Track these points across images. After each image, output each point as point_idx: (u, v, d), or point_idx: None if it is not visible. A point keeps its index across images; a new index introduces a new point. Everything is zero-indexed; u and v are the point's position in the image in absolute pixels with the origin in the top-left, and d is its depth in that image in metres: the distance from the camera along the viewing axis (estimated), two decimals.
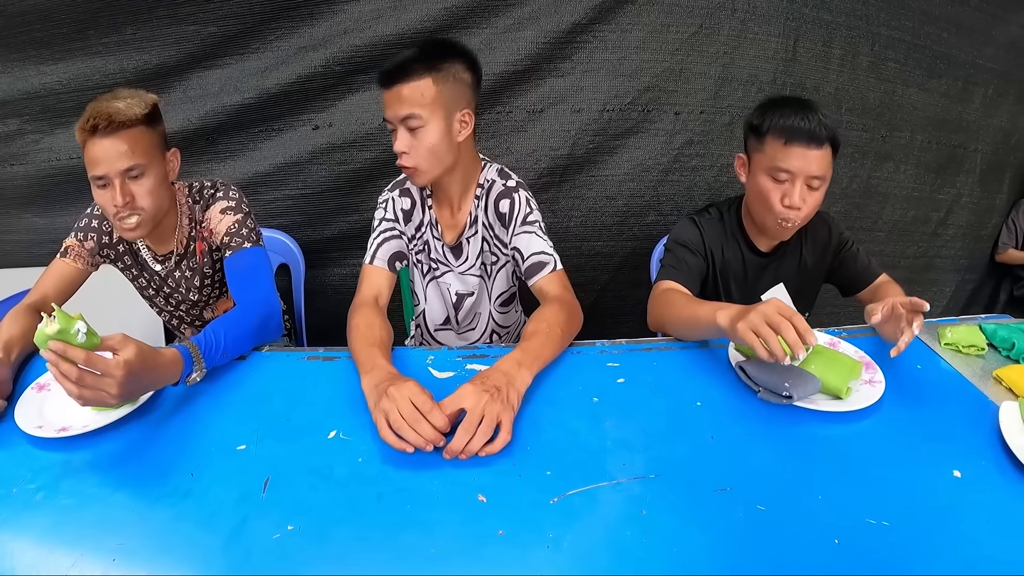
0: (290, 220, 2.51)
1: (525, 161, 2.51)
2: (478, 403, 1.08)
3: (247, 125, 2.38)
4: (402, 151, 1.46)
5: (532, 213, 1.60)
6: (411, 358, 1.39)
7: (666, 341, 1.52)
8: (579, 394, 1.29)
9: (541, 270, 1.56)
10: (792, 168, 1.51)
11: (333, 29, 2.27)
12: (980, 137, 3.27)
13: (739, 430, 1.20)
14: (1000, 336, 1.57)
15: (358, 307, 1.47)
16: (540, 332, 1.35)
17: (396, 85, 1.43)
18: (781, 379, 1.26)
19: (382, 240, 1.65)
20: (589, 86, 2.46)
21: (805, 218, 1.56)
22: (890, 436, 1.22)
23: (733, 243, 1.76)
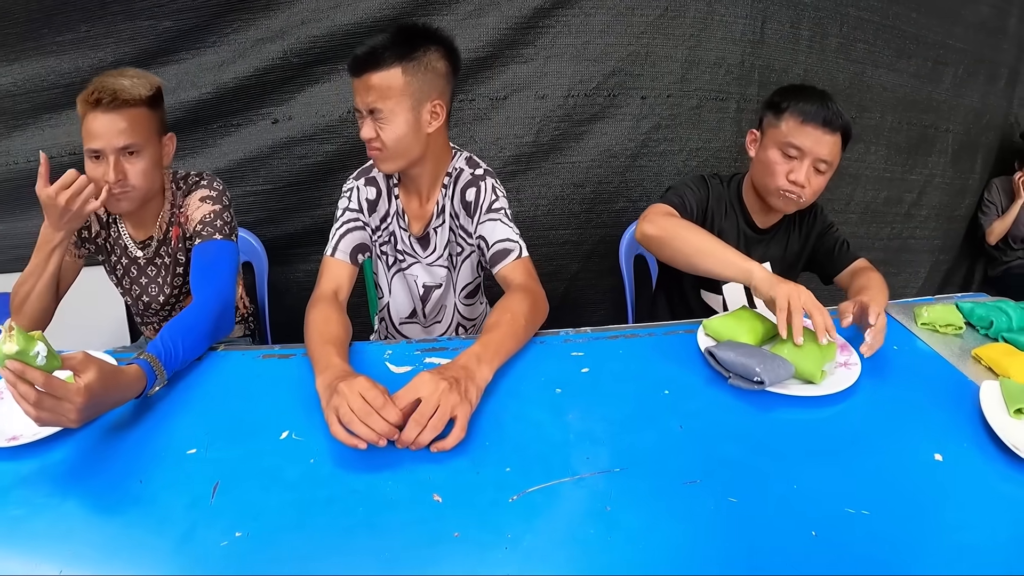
0: (253, 217, 2.43)
1: (489, 150, 2.46)
2: (434, 392, 1.04)
3: (205, 121, 2.32)
4: (369, 138, 1.43)
5: (498, 200, 1.56)
6: (369, 353, 1.35)
7: (633, 328, 1.49)
8: (542, 386, 1.24)
9: (506, 257, 1.50)
10: (804, 146, 1.55)
11: (290, 20, 2.21)
12: (951, 117, 3.27)
13: (709, 418, 1.16)
14: (978, 314, 1.53)
15: (316, 302, 1.42)
16: (502, 324, 1.29)
17: (365, 73, 1.39)
18: (752, 364, 1.21)
19: (344, 231, 1.59)
20: (553, 72, 2.41)
21: (809, 199, 1.60)
22: (867, 420, 1.18)
23: (732, 214, 1.77)
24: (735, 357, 1.23)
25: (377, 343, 1.41)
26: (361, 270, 1.67)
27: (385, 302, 1.87)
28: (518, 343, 1.34)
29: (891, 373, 1.32)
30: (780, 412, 1.18)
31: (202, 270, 1.54)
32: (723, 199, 1.78)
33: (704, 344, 1.36)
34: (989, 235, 3.64)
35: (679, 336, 1.44)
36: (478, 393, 1.14)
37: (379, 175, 1.65)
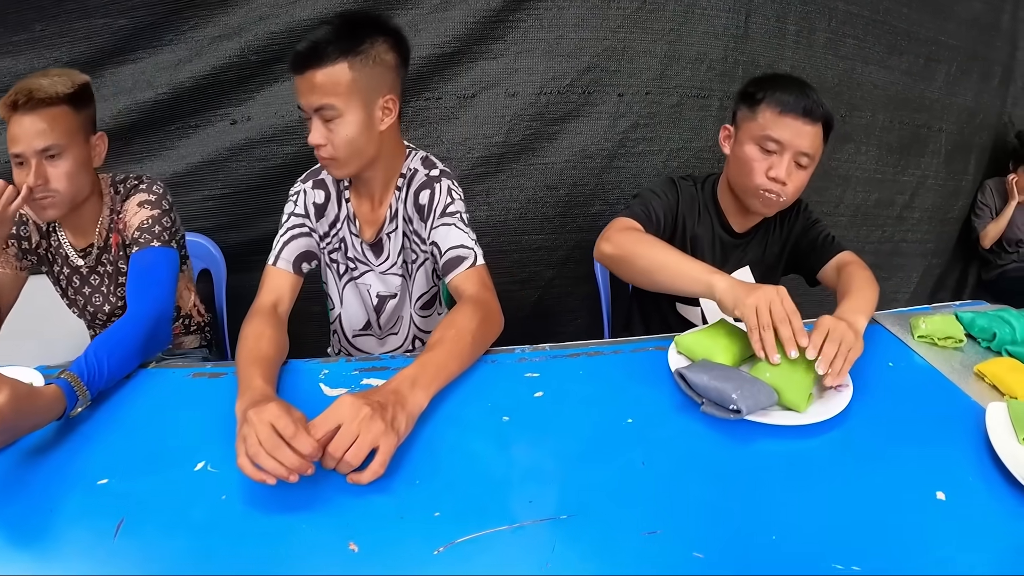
0: (212, 222, 2.33)
1: (457, 150, 2.35)
2: (354, 418, 0.93)
3: (162, 123, 2.23)
4: (318, 143, 1.33)
5: (453, 203, 1.46)
6: (303, 373, 1.24)
7: (597, 345, 1.34)
8: (487, 412, 1.11)
9: (458, 266, 1.41)
10: (783, 139, 1.44)
11: (248, 16, 2.12)
12: (944, 116, 3.19)
13: (677, 452, 1.02)
14: (979, 326, 1.41)
15: (251, 316, 1.33)
16: (445, 341, 1.18)
17: (308, 71, 1.29)
18: (728, 389, 1.05)
19: (289, 238, 1.50)
20: (524, 68, 2.31)
21: (790, 197, 1.49)
22: (860, 453, 1.03)
23: (706, 218, 1.66)
24: (708, 381, 1.08)
25: (312, 362, 1.29)
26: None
27: (337, 313, 1.76)
28: (462, 363, 1.22)
29: (886, 394, 1.19)
30: (759, 444, 1.04)
31: (138, 280, 1.47)
32: (696, 202, 1.66)
33: (675, 364, 1.21)
34: (983, 238, 3.56)
35: (649, 354, 1.30)
36: (409, 422, 1.03)
37: (328, 177, 1.56)
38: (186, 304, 1.89)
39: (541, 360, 1.29)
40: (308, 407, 0.98)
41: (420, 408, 1.07)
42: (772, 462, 1.00)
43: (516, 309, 2.64)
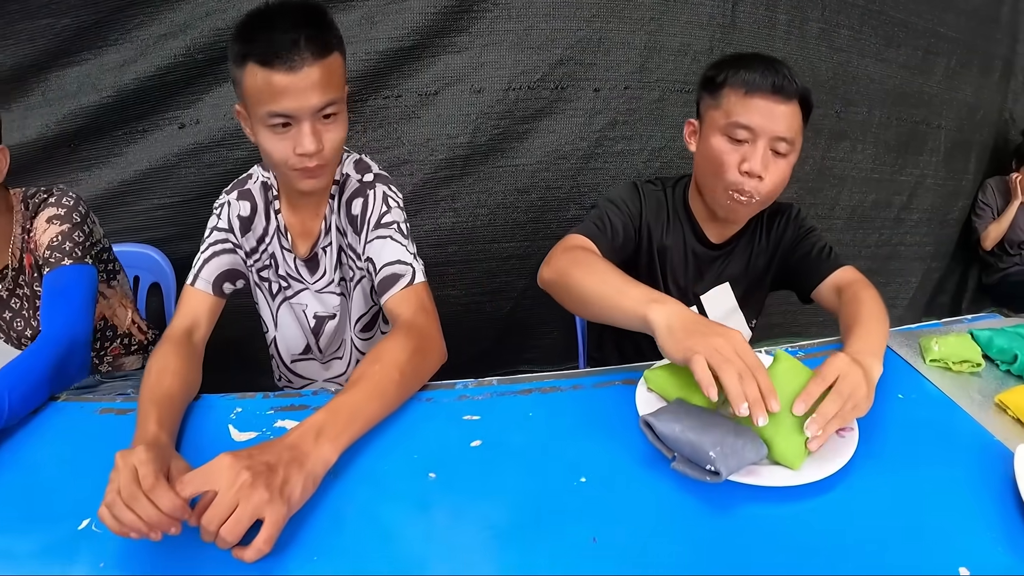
0: (162, 233, 2.24)
1: (419, 152, 2.22)
2: (231, 485, 0.79)
3: (109, 128, 2.14)
4: (314, 151, 1.16)
5: (390, 212, 1.32)
6: (215, 410, 1.10)
7: (553, 378, 1.16)
8: (411, 468, 0.94)
9: (394, 284, 1.25)
10: (753, 124, 1.24)
11: (195, 12, 2.02)
12: (943, 113, 3.07)
13: (639, 523, 0.83)
14: (997, 346, 1.24)
15: (161, 343, 1.21)
16: (367, 379, 1.02)
17: (307, 66, 1.11)
18: (705, 444, 0.85)
19: (210, 255, 1.37)
20: (491, 62, 2.18)
21: (768, 195, 1.29)
22: (865, 520, 0.85)
23: (676, 227, 1.46)
24: (681, 432, 0.87)
25: (227, 398, 1.16)
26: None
27: (272, 337, 1.61)
28: (386, 405, 1.04)
29: (897, 437, 1.01)
30: (744, 511, 0.85)
31: (49, 303, 1.37)
32: (664, 209, 1.46)
33: (643, 406, 1.01)
34: (984, 239, 3.43)
35: (615, 391, 1.10)
36: (309, 484, 0.87)
37: (256, 186, 1.41)
38: (123, 322, 1.76)
39: (485, 398, 1.10)
40: (214, 454, 0.84)
41: (326, 465, 0.91)
42: (760, 533, 0.82)
43: (486, 323, 2.50)
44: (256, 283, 1.52)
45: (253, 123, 1.17)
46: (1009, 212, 3.36)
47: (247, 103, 1.15)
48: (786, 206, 1.49)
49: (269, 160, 1.20)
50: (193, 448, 0.99)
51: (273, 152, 1.17)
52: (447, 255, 2.35)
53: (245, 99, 1.15)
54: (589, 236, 1.32)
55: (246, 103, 1.16)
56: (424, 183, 2.26)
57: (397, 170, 2.23)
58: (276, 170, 1.28)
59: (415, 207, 2.28)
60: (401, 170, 2.23)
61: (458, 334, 2.46)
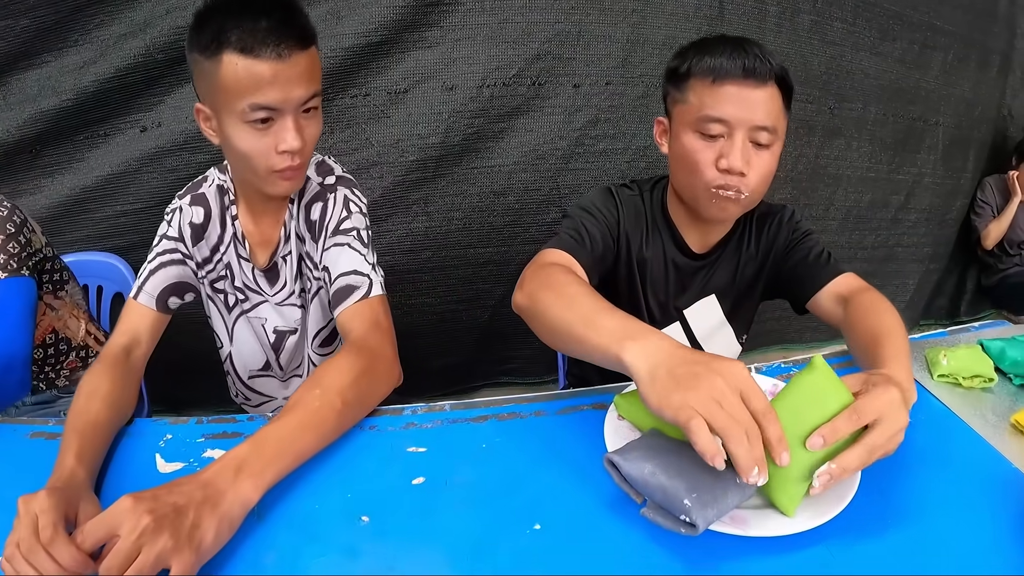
0: (124, 241, 2.17)
1: (389, 154, 2.15)
2: (132, 529, 0.70)
3: (70, 132, 2.08)
4: (297, 148, 1.09)
5: (350, 218, 1.23)
6: (145, 436, 1.00)
7: (513, 403, 1.03)
8: (342, 509, 0.82)
9: (348, 297, 1.15)
10: (727, 115, 1.09)
11: (155, 10, 1.96)
12: (941, 109, 3.01)
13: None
14: (1010, 358, 1.13)
15: (96, 363, 1.12)
16: (301, 407, 0.90)
17: (298, 52, 1.05)
18: (679, 489, 0.71)
19: (156, 266, 1.27)
20: (464, 57, 2.12)
21: (756, 190, 1.15)
22: (871, 568, 0.73)
23: (655, 236, 1.32)
24: (651, 475, 0.73)
25: (160, 422, 1.05)
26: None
27: (227, 352, 1.49)
28: (323, 435, 0.91)
29: (904, 468, 0.88)
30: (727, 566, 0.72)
31: None
32: (642, 217, 1.31)
33: (612, 438, 0.87)
34: (985, 238, 3.33)
35: (582, 417, 0.97)
36: (223, 527, 0.76)
37: (211, 190, 1.31)
38: (76, 334, 1.66)
39: (434, 427, 0.97)
40: (142, 485, 0.76)
41: (245, 506, 0.79)
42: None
43: (463, 332, 2.41)
44: (209, 296, 1.41)
45: (224, 120, 1.07)
46: (1009, 210, 3.26)
47: (218, 98, 1.05)
48: (777, 207, 1.35)
49: (242, 162, 1.11)
50: (117, 479, 0.91)
51: (251, 151, 1.08)
52: (420, 262, 2.26)
53: (215, 94, 1.05)
54: (566, 249, 1.17)
55: (215, 99, 1.06)
56: (395, 186, 2.17)
57: (366, 173, 2.15)
58: (247, 173, 1.15)
59: (386, 211, 2.19)
60: (370, 172, 2.14)
61: (434, 345, 2.39)
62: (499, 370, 2.52)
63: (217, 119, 1.09)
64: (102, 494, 0.87)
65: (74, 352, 1.66)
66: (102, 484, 0.88)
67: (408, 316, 2.28)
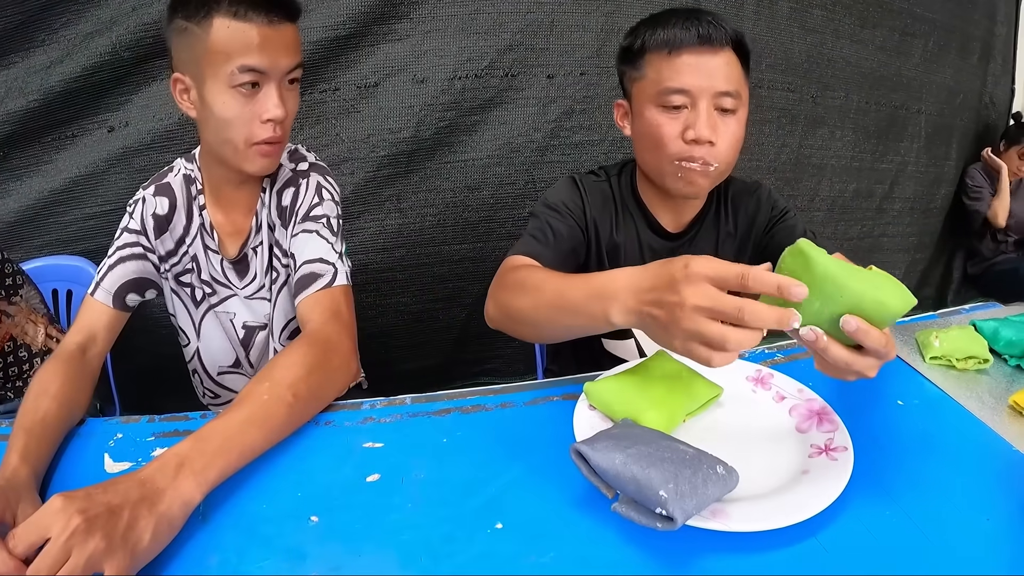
0: (94, 244, 2.10)
1: (359, 149, 2.09)
2: (63, 531, 0.66)
3: (37, 134, 2.01)
4: (281, 117, 1.09)
5: (321, 204, 1.21)
6: (95, 436, 0.95)
7: (478, 395, 0.96)
8: (292, 509, 0.76)
9: (310, 285, 1.12)
10: (687, 85, 1.07)
11: (122, 7, 1.91)
12: (923, 97, 3.00)
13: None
14: (1005, 338, 1.09)
15: (50, 360, 1.08)
16: (250, 401, 0.85)
17: (287, 23, 1.08)
18: (655, 481, 0.64)
19: (115, 261, 1.23)
20: (434, 49, 2.07)
21: (727, 159, 1.11)
22: (865, 562, 0.66)
23: (627, 220, 1.27)
24: (623, 465, 0.66)
25: (111, 421, 0.99)
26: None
27: (194, 349, 1.44)
28: (272, 432, 0.86)
29: (899, 453, 0.83)
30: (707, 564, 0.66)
31: None
32: (610, 201, 1.27)
33: (582, 429, 0.81)
34: (994, 219, 3.27)
35: (553, 408, 0.91)
36: (161, 528, 0.72)
37: (176, 180, 1.28)
38: (36, 340, 1.60)
39: (393, 420, 0.90)
40: (84, 486, 0.71)
41: (186, 505, 0.74)
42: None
43: (441, 332, 2.35)
44: (173, 290, 1.36)
45: (208, 87, 1.06)
46: (1003, 185, 3.23)
47: (203, 63, 1.05)
48: (753, 184, 1.31)
49: (222, 133, 1.10)
50: (64, 478, 0.87)
51: (234, 119, 1.07)
52: (394, 260, 2.20)
53: (200, 59, 1.05)
54: (528, 253, 1.14)
55: (200, 65, 1.05)
56: (366, 182, 2.11)
57: (336, 169, 2.08)
58: (225, 147, 1.13)
59: (357, 209, 2.13)
60: (341, 169, 2.09)
61: (409, 346, 2.32)
62: (477, 370, 2.46)
63: (198, 88, 1.07)
64: (47, 493, 0.83)
65: (37, 358, 1.60)
66: (48, 484, 0.85)
67: (382, 316, 2.21)
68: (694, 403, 0.86)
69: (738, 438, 0.83)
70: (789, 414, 0.87)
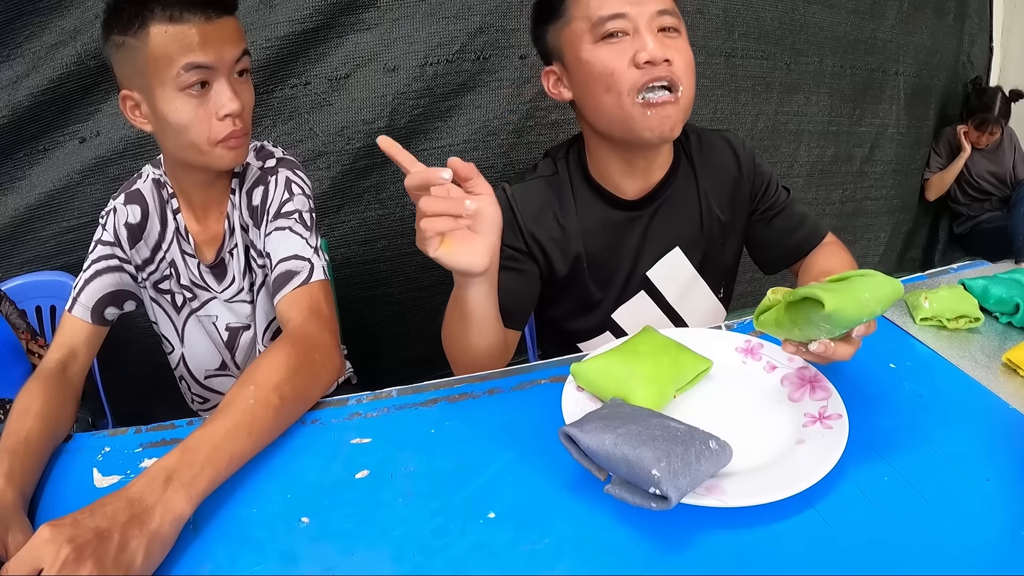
0: (73, 258, 2.08)
1: (335, 142, 2.07)
2: (54, 562, 0.64)
3: (9, 151, 2.00)
4: (237, 111, 1.07)
5: (291, 200, 1.17)
6: (84, 451, 0.93)
7: (465, 383, 0.95)
8: (281, 511, 0.75)
9: (287, 284, 1.10)
10: (621, 8, 1.00)
11: (84, 15, 1.87)
12: (900, 58, 2.98)
13: (563, 570, 0.63)
14: (995, 296, 1.07)
15: (32, 379, 1.06)
16: (235, 407, 0.82)
17: (224, 16, 1.06)
18: (647, 459, 0.63)
19: (91, 275, 1.21)
20: (403, 36, 2.04)
21: (687, 79, 1.03)
22: (864, 533, 0.65)
23: (584, 205, 1.17)
24: (613, 445, 0.65)
25: (99, 436, 0.96)
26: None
27: (179, 355, 1.42)
28: (260, 437, 0.83)
29: (894, 417, 0.81)
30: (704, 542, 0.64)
31: None
32: (555, 194, 1.18)
33: (571, 411, 0.80)
34: (927, 190, 3.32)
35: (541, 391, 0.89)
36: (154, 547, 0.70)
37: (146, 186, 1.26)
38: None
39: (380, 414, 0.89)
40: (78, 503, 0.70)
41: (177, 520, 0.72)
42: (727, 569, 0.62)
43: (428, 321, 2.31)
44: (153, 298, 1.34)
45: (158, 97, 1.04)
46: (954, 166, 3.22)
47: (147, 74, 1.02)
48: (718, 131, 1.24)
49: (182, 139, 1.07)
50: (53, 497, 0.85)
51: (190, 122, 1.05)
52: (377, 251, 2.18)
53: (144, 71, 1.03)
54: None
55: (144, 77, 1.03)
56: (343, 175, 2.08)
57: (313, 164, 2.07)
58: (189, 152, 1.10)
59: (336, 202, 2.10)
60: (317, 163, 2.06)
61: (398, 335, 2.29)
62: None
63: (148, 100, 1.04)
64: (37, 513, 0.81)
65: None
66: (38, 503, 0.83)
67: (368, 309, 2.19)
68: (683, 378, 0.84)
69: (730, 411, 0.82)
70: (781, 384, 0.85)
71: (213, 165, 1.12)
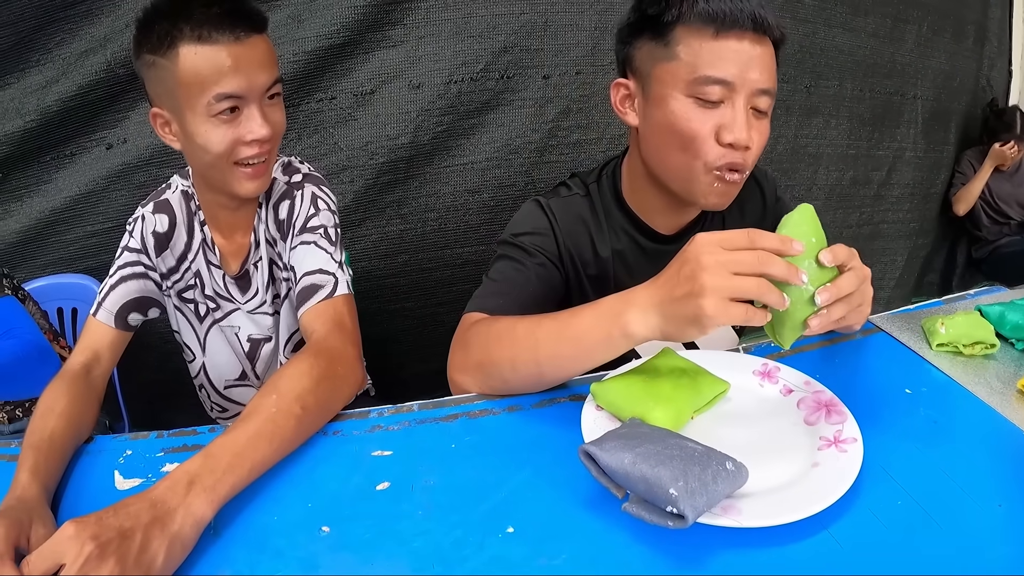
0: (97, 261, 2.11)
1: (358, 157, 2.09)
2: (77, 558, 0.66)
3: (36, 154, 2.02)
4: (266, 137, 1.08)
5: (317, 215, 1.19)
6: (105, 453, 0.94)
7: (486, 400, 0.95)
8: (303, 520, 0.76)
9: (311, 297, 1.11)
10: (731, 76, 0.90)
11: (115, 24, 1.90)
12: (919, 82, 2.98)
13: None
14: (1011, 322, 1.07)
15: (56, 379, 1.07)
16: (258, 415, 0.84)
17: (255, 35, 1.04)
18: (664, 479, 0.64)
19: (116, 281, 1.23)
20: (429, 54, 2.05)
21: (750, 167, 0.99)
22: (880, 557, 0.66)
23: (613, 230, 1.14)
24: (632, 464, 0.66)
25: (120, 439, 0.98)
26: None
27: (200, 364, 1.44)
28: (281, 445, 0.85)
29: (909, 442, 0.82)
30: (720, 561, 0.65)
31: None
32: (588, 216, 1.14)
33: (590, 430, 0.81)
34: (955, 203, 3.27)
35: (561, 409, 0.91)
36: (175, 548, 0.71)
37: (175, 196, 1.28)
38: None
39: (401, 428, 0.90)
40: (99, 504, 0.71)
41: (198, 523, 0.74)
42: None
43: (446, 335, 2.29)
44: (176, 307, 1.36)
45: (187, 119, 1.04)
46: (980, 175, 3.19)
47: (178, 96, 1.02)
48: (758, 172, 1.22)
49: (208, 159, 1.07)
50: (75, 497, 0.86)
51: (218, 146, 1.04)
52: (398, 266, 2.19)
53: (175, 92, 1.02)
54: (489, 310, 1.04)
55: (175, 98, 1.03)
56: (366, 190, 2.10)
57: (336, 177, 2.08)
58: (213, 172, 1.11)
59: (359, 216, 2.12)
60: (341, 177, 2.08)
61: (414, 350, 2.31)
62: None
63: (178, 120, 1.05)
64: (59, 513, 0.82)
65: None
66: (59, 503, 0.84)
67: (387, 322, 2.20)
68: (701, 399, 0.86)
69: (747, 433, 0.83)
70: (797, 407, 0.86)
71: (234, 190, 1.12)
